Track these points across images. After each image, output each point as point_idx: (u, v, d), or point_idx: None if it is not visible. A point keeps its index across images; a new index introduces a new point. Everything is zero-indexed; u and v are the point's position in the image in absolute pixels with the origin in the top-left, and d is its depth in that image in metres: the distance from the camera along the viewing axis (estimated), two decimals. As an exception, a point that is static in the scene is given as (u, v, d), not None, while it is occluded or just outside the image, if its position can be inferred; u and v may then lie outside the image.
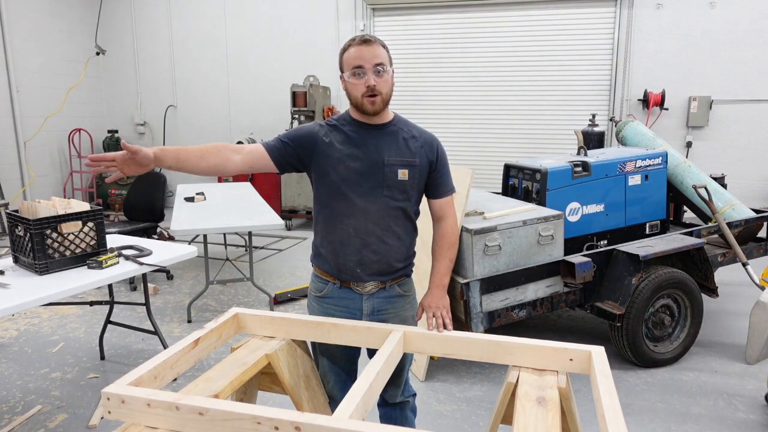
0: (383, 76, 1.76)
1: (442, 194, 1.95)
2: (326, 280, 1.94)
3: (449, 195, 1.96)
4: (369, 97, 1.76)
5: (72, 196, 8.28)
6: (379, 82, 1.76)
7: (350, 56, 1.76)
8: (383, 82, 1.77)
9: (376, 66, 1.74)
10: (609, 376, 1.50)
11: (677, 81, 6.82)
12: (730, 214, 4.12)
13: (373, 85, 1.75)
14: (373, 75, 1.75)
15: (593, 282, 3.28)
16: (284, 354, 1.82)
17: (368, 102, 1.77)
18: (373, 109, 1.79)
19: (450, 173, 1.97)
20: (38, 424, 2.81)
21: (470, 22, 7.40)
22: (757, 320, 3.35)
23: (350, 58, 1.76)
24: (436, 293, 1.95)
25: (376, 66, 1.74)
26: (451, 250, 1.97)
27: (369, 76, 1.74)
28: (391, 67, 1.80)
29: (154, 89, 8.84)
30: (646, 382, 3.23)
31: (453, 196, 1.98)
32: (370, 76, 1.74)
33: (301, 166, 1.87)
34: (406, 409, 2.10)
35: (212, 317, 3.94)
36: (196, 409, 1.35)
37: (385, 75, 1.77)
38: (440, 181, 1.93)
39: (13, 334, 3.95)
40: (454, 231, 1.97)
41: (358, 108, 1.82)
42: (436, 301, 1.93)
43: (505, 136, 7.55)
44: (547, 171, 3.65)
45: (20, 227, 2.73)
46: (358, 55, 1.75)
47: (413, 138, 1.87)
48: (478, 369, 3.39)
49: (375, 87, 1.75)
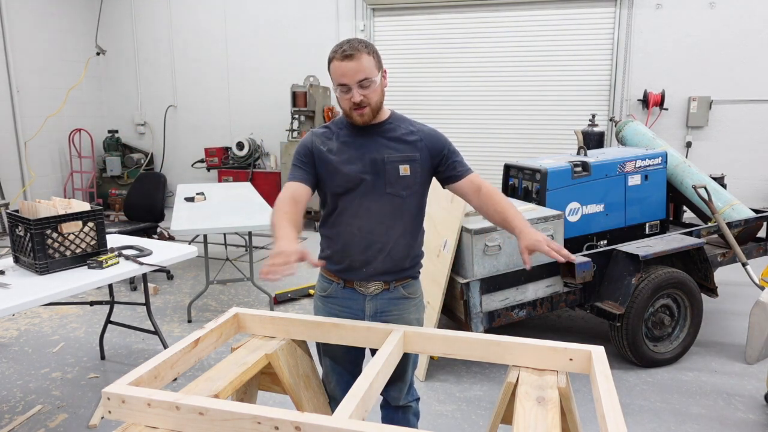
0: (369, 88, 1.73)
1: (464, 173, 1.87)
2: (330, 279, 1.95)
3: (471, 173, 1.88)
4: (357, 110, 1.75)
5: (72, 196, 8.28)
6: (366, 95, 1.73)
7: (334, 71, 1.73)
8: (371, 93, 1.74)
9: (361, 81, 1.71)
10: (609, 376, 1.50)
11: (677, 81, 6.81)
12: (729, 214, 4.12)
13: (359, 100, 1.72)
14: (359, 90, 1.71)
15: (593, 282, 3.29)
16: (284, 354, 1.82)
17: (357, 114, 1.76)
18: (363, 121, 1.78)
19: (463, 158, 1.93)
20: (38, 424, 2.81)
21: (470, 22, 7.40)
22: (756, 320, 3.35)
23: (335, 74, 1.73)
24: (530, 232, 1.77)
25: (360, 81, 1.71)
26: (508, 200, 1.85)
27: (354, 92, 1.71)
28: (380, 73, 1.76)
29: (154, 89, 8.83)
30: (646, 382, 3.23)
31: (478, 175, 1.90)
32: (355, 93, 1.71)
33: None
34: (408, 413, 2.10)
35: (212, 317, 3.94)
36: (196, 409, 1.35)
37: (371, 85, 1.73)
38: (455, 163, 1.87)
39: (14, 334, 3.95)
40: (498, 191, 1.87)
41: (348, 119, 1.82)
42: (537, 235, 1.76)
43: (505, 136, 7.55)
44: (547, 171, 3.65)
45: (20, 227, 2.73)
46: (340, 72, 1.71)
47: (411, 133, 1.85)
48: (478, 369, 3.39)
49: (362, 101, 1.73)
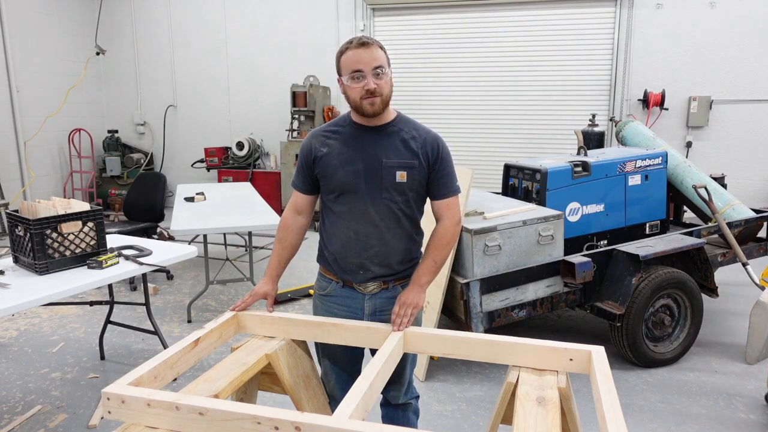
0: (383, 78, 1.75)
1: (442, 196, 1.89)
2: (330, 278, 1.95)
3: (450, 197, 1.89)
4: (368, 98, 1.75)
5: (72, 196, 8.28)
6: (380, 84, 1.75)
7: (348, 60, 1.74)
8: (383, 84, 1.76)
9: (375, 69, 1.73)
10: (609, 376, 1.50)
11: (677, 81, 6.82)
12: (730, 214, 4.12)
13: (374, 87, 1.73)
14: (373, 78, 1.73)
15: (593, 282, 3.28)
16: (284, 354, 1.82)
17: (367, 103, 1.76)
18: (373, 110, 1.77)
19: (454, 174, 1.91)
20: (38, 424, 2.81)
21: (470, 22, 7.40)
22: (757, 320, 3.35)
23: (349, 62, 1.74)
24: (411, 289, 1.86)
25: (375, 69, 1.73)
26: (439, 251, 1.88)
27: (369, 79, 1.73)
28: (389, 68, 1.79)
29: (154, 89, 8.83)
30: (646, 382, 3.23)
31: (457, 198, 1.92)
32: (370, 80, 1.73)
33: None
34: (408, 411, 2.10)
35: (212, 317, 3.94)
36: (196, 409, 1.35)
37: (384, 77, 1.75)
38: (440, 182, 1.87)
39: (13, 334, 3.95)
40: (447, 233, 1.89)
41: (357, 110, 1.81)
42: (409, 297, 1.84)
43: (505, 136, 7.55)
44: (547, 171, 3.65)
45: (20, 227, 2.73)
46: (356, 59, 1.73)
47: (413, 138, 1.84)
48: (478, 369, 3.39)
49: (376, 90, 1.74)
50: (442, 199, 1.90)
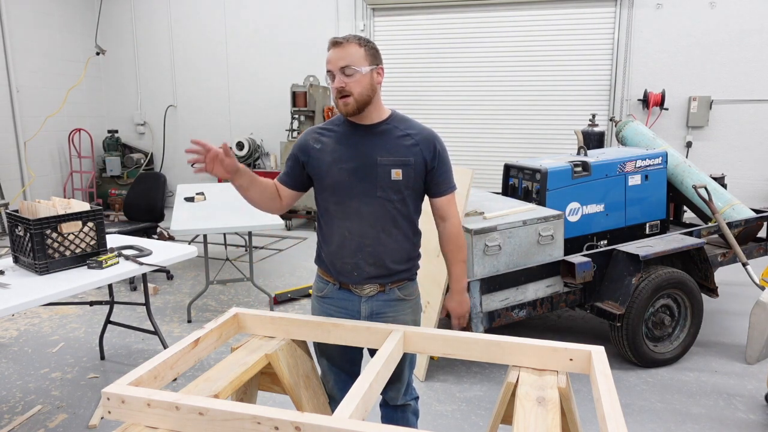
0: (353, 77, 1.72)
1: (442, 192, 1.90)
2: (327, 280, 1.94)
3: (450, 193, 1.91)
4: (341, 98, 1.75)
5: (72, 196, 8.28)
6: (349, 83, 1.72)
7: (326, 60, 1.76)
8: (353, 83, 1.72)
9: (342, 68, 1.71)
10: (609, 376, 1.50)
11: (677, 81, 6.82)
12: (730, 214, 4.12)
13: (341, 86, 1.72)
14: (341, 77, 1.72)
15: (593, 282, 3.28)
16: (284, 354, 1.82)
17: (341, 103, 1.76)
18: (346, 110, 1.77)
19: (451, 171, 1.92)
20: (38, 424, 2.81)
21: (470, 22, 7.40)
22: (757, 320, 3.35)
23: (326, 62, 1.76)
24: (457, 298, 2.01)
25: (342, 68, 1.71)
26: (462, 252, 1.96)
27: (337, 78, 1.72)
28: (371, 67, 1.75)
29: (154, 89, 8.84)
30: (646, 382, 3.23)
31: (455, 195, 1.94)
32: (337, 78, 1.72)
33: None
34: (407, 412, 2.10)
35: (212, 317, 3.94)
36: (196, 409, 1.35)
37: (355, 75, 1.72)
38: (439, 179, 1.87)
39: (13, 334, 3.95)
40: (459, 232, 1.94)
41: (338, 110, 1.82)
42: (459, 307, 2.01)
43: (505, 136, 7.55)
44: (547, 171, 3.65)
45: (20, 227, 2.73)
46: (328, 58, 1.74)
47: (407, 136, 1.83)
48: (478, 369, 3.39)
49: (344, 88, 1.72)
50: (443, 196, 1.90)
